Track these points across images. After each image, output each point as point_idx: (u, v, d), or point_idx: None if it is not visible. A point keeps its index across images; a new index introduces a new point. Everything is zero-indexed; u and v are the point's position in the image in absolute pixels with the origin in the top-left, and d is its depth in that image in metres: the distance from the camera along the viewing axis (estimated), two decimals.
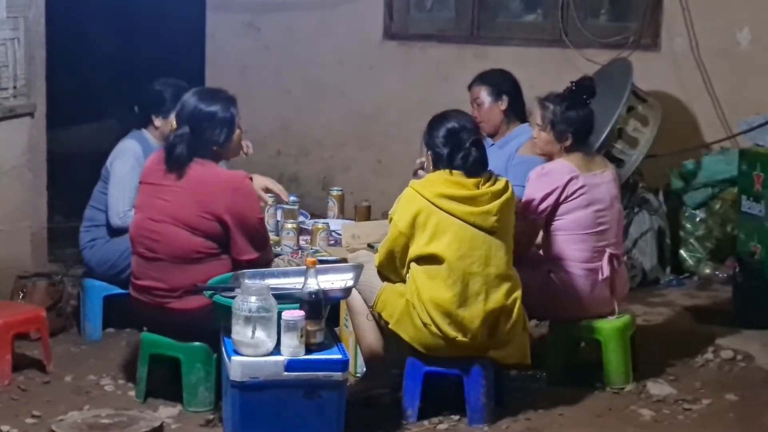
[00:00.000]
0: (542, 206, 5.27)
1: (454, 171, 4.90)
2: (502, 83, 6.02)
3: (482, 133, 5.28)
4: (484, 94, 6.00)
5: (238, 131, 5.06)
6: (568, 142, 5.36)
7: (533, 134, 5.50)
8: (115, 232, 5.78)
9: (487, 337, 4.89)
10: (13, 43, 6.23)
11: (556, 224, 5.33)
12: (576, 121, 5.35)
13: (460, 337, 4.85)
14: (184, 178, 4.94)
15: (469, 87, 6.11)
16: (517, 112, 6.01)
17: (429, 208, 4.85)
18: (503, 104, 5.97)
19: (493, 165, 5.06)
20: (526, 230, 5.29)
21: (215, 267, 4.90)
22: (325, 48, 8.39)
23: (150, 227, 4.99)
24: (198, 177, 4.94)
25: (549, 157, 5.42)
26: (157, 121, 5.85)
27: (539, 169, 5.36)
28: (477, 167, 4.90)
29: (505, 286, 4.92)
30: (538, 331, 5.84)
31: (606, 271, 5.31)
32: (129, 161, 5.75)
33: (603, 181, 5.39)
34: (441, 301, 4.83)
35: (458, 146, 4.91)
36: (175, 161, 4.95)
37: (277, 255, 5.35)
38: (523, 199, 5.30)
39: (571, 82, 5.48)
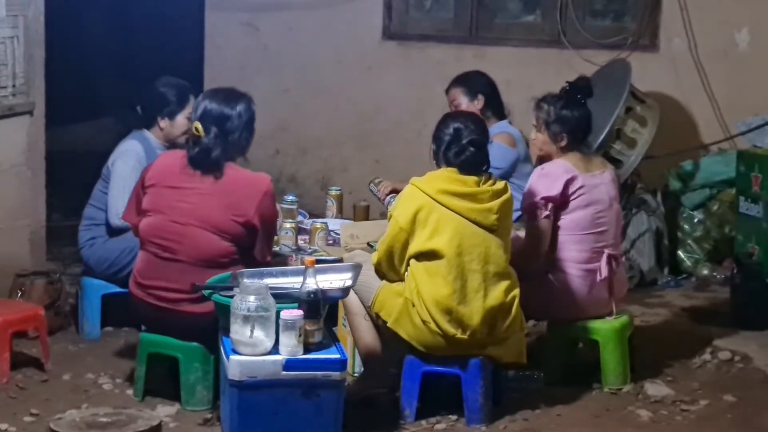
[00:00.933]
0: (547, 206, 5.28)
1: (449, 168, 4.93)
2: (476, 84, 6.22)
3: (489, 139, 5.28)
4: (460, 95, 6.20)
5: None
6: (563, 143, 5.37)
7: (531, 135, 5.52)
8: (113, 231, 5.78)
9: (486, 335, 4.90)
10: (12, 41, 6.23)
11: (555, 224, 5.34)
12: (570, 121, 5.36)
13: (459, 334, 4.86)
14: (210, 181, 4.93)
15: (447, 91, 6.23)
16: (494, 111, 6.18)
17: (431, 204, 4.86)
18: (479, 103, 6.14)
19: None
20: (535, 233, 5.29)
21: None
22: (324, 48, 8.39)
23: (172, 229, 4.93)
24: (227, 180, 4.93)
25: (548, 158, 5.43)
26: (162, 123, 5.83)
27: (539, 170, 5.37)
28: (469, 166, 4.92)
29: (504, 284, 4.93)
30: (537, 332, 5.85)
31: (604, 271, 5.32)
32: (130, 161, 5.75)
33: (602, 181, 5.40)
34: (441, 298, 4.84)
35: (455, 143, 4.93)
36: (212, 165, 4.92)
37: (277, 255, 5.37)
38: (527, 202, 5.31)
39: (567, 83, 5.49)
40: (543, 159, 5.51)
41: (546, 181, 5.30)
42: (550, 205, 5.28)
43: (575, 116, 5.37)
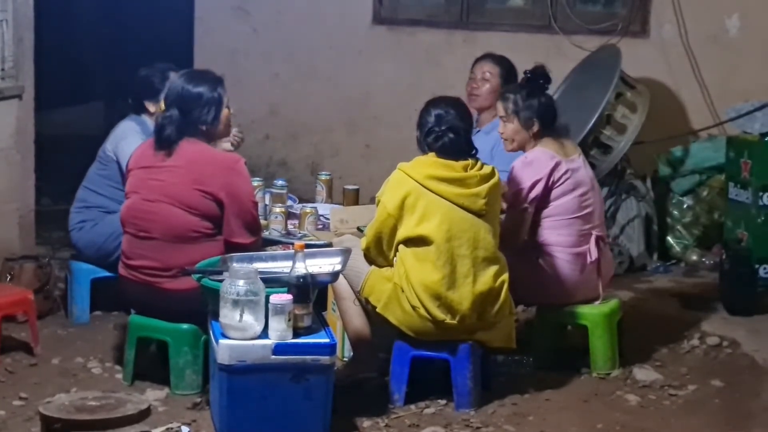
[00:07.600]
0: (531, 195, 5.27)
1: (430, 153, 4.93)
2: (512, 76, 6.13)
3: (474, 126, 5.26)
4: (495, 74, 6.15)
5: (225, 111, 5.07)
6: (535, 128, 5.37)
7: (499, 129, 5.50)
8: (109, 213, 5.76)
9: (475, 320, 4.91)
10: (1, 24, 6.20)
11: (542, 211, 5.33)
12: (539, 107, 5.37)
13: (448, 320, 4.87)
14: (178, 157, 4.95)
15: (481, 59, 6.20)
16: None
17: (418, 190, 4.86)
18: None
19: (478, 150, 5.07)
20: (516, 222, 5.29)
21: (210, 247, 4.90)
22: (315, 32, 8.37)
23: (143, 207, 4.99)
24: (192, 156, 4.95)
25: (522, 148, 5.43)
26: (151, 107, 5.82)
27: (522, 159, 5.35)
28: (448, 151, 4.92)
29: (493, 269, 4.93)
30: (525, 317, 5.86)
31: (594, 253, 5.33)
32: (136, 140, 5.71)
33: (580, 164, 5.42)
34: (430, 284, 4.84)
35: (435, 129, 4.93)
36: (164, 141, 4.97)
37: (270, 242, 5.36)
38: (511, 191, 5.29)
39: (525, 72, 5.52)
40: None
41: (530, 171, 5.29)
42: (534, 196, 5.27)
43: (542, 102, 5.39)
